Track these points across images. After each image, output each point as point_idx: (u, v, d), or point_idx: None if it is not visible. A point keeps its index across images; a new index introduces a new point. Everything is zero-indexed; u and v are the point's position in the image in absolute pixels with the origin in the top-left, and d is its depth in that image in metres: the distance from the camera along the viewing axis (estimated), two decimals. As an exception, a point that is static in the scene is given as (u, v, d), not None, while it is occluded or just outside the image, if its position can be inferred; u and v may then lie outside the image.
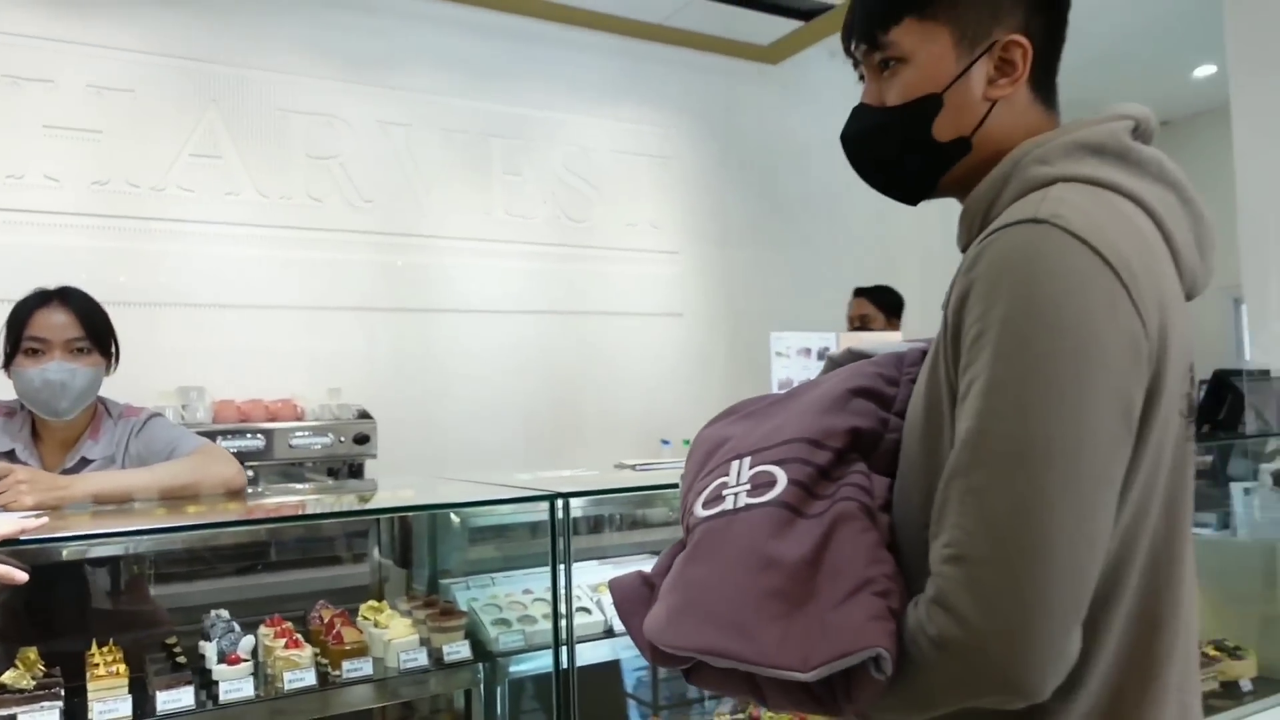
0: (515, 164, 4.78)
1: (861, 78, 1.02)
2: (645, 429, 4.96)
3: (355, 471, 3.66)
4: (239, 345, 3.96)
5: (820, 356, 2.85)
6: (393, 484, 2.85)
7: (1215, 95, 5.37)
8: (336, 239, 4.29)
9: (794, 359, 2.81)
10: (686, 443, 3.67)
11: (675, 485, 2.38)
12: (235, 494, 2.02)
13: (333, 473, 3.65)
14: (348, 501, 2.31)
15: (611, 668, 2.56)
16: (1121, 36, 5.59)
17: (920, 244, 5.64)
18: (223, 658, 1.74)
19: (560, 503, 1.73)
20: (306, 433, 3.53)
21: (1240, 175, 4.60)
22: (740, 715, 2.53)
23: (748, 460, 0.93)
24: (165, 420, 2.22)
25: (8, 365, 2.03)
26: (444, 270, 4.56)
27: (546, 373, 4.78)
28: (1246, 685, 2.69)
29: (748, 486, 0.90)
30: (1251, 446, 3.06)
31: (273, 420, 3.53)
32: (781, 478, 0.89)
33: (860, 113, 1.01)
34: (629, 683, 2.67)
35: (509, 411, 4.63)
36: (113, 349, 2.11)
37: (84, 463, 2.07)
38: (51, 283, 2.12)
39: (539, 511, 2.36)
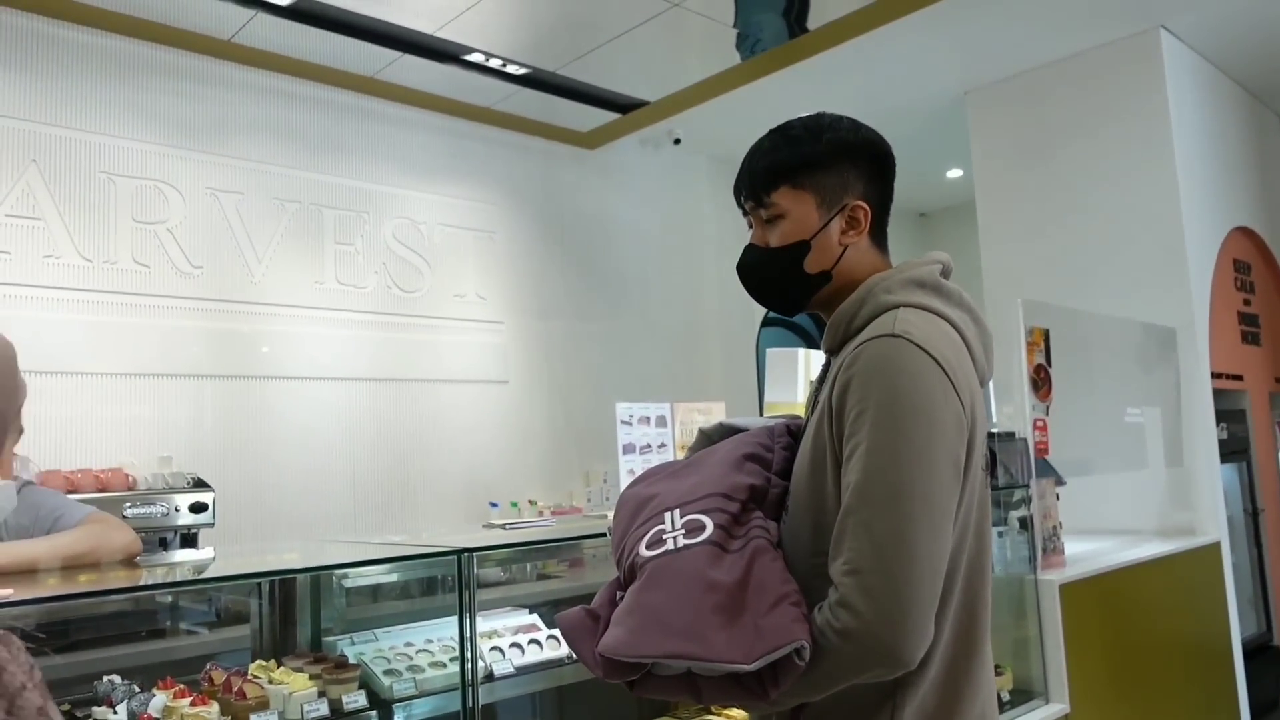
0: (347, 234, 4.90)
1: (750, 224, 1.40)
2: (473, 492, 5.12)
3: (188, 541, 3.61)
4: (64, 414, 3.82)
5: (659, 424, 3.21)
6: (257, 549, 2.90)
7: (964, 193, 6.33)
8: (164, 305, 4.23)
9: (635, 426, 3.15)
10: (515, 505, 3.95)
11: (560, 541, 2.64)
12: (131, 560, 2.07)
13: (163, 543, 3.58)
14: (239, 566, 2.39)
15: (487, 711, 2.74)
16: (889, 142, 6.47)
17: (721, 325, 6.21)
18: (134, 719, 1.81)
19: (466, 557, 1.95)
20: (138, 503, 3.47)
21: (985, 263, 5.48)
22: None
23: (678, 511, 1.26)
24: (36, 487, 2.22)
25: None
26: (275, 337, 4.57)
27: (377, 438, 4.86)
28: (1005, 696, 3.24)
29: (682, 531, 1.22)
30: (1003, 497, 3.66)
31: (103, 490, 3.45)
32: (709, 523, 1.22)
33: (750, 250, 1.41)
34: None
35: (340, 477, 4.67)
36: None
37: None
38: None
39: (419, 569, 2.55)
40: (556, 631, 2.54)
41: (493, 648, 2.37)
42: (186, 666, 2.23)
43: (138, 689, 1.94)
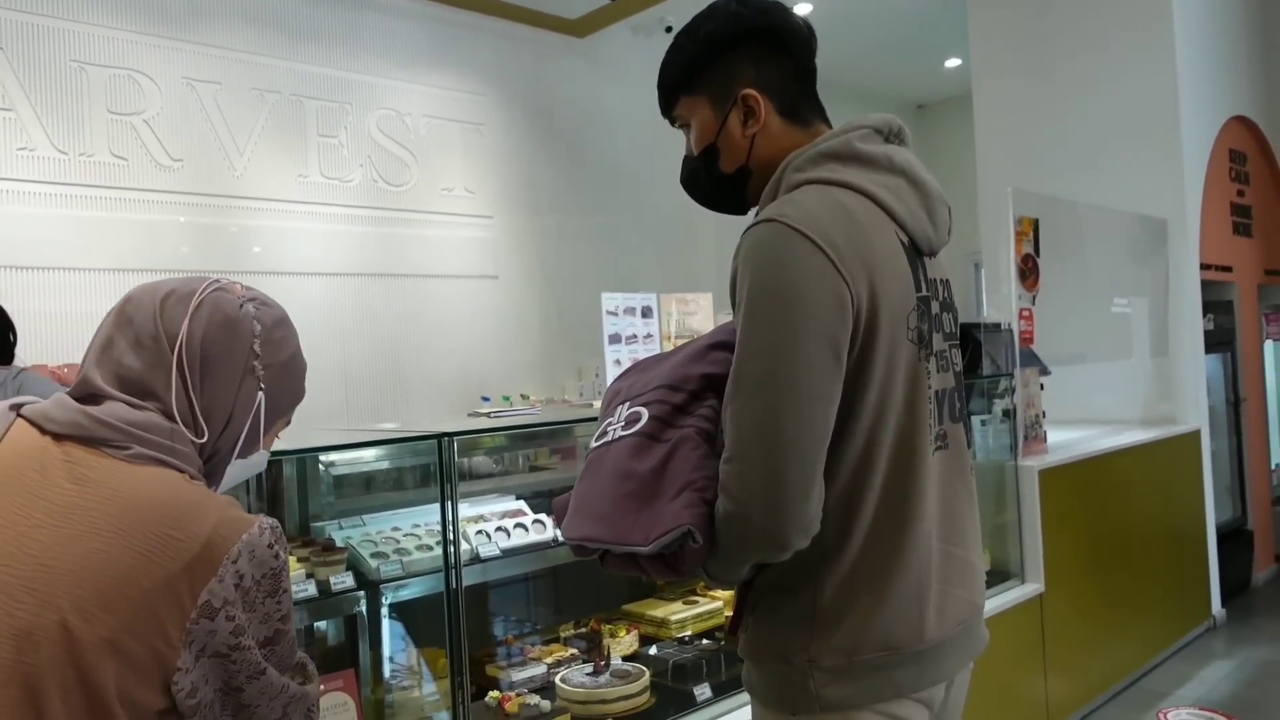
0: (330, 126, 4.80)
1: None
2: (465, 386, 5.17)
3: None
4: (48, 309, 3.82)
5: (644, 314, 3.20)
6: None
7: (962, 83, 6.19)
8: (144, 199, 4.17)
9: (622, 316, 3.15)
10: (506, 399, 3.99)
11: (539, 426, 2.68)
12: None
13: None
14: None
15: (470, 593, 2.83)
16: (885, 33, 6.31)
17: (714, 216, 6.12)
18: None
19: (447, 441, 1.98)
20: (130, 396, 3.49)
21: (980, 154, 5.40)
22: (583, 630, 2.88)
23: (627, 404, 1.29)
24: (32, 373, 2.29)
25: None
26: (259, 232, 4.53)
27: (367, 334, 4.87)
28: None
29: (622, 424, 1.27)
30: (987, 386, 3.69)
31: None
32: (645, 415, 1.26)
33: (685, 160, 1.40)
34: (495, 616, 2.98)
35: (330, 373, 4.69)
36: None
37: None
38: None
39: (405, 456, 2.59)
40: (543, 516, 2.60)
41: (479, 531, 2.43)
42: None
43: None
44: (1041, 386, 3.81)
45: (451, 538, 2.00)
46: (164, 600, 0.93)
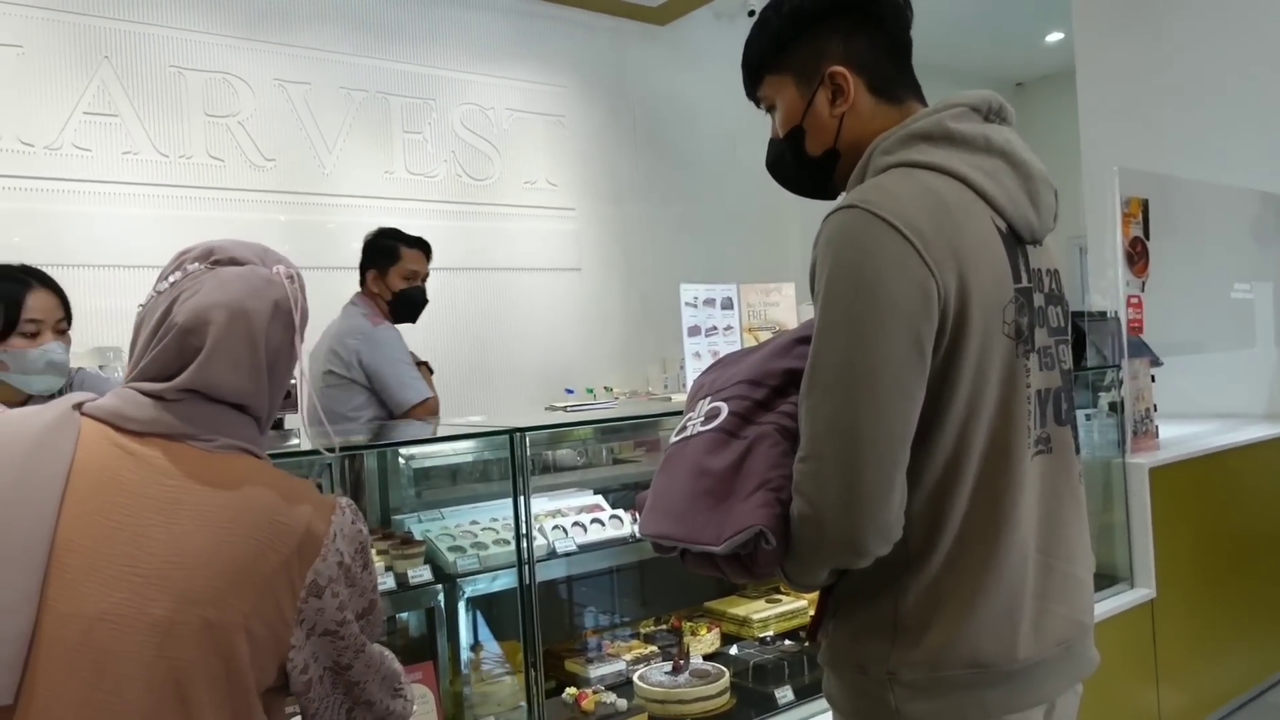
0: (415, 122, 4.86)
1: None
2: (549, 379, 5.17)
3: (276, 426, 3.74)
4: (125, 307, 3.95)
5: (725, 306, 3.13)
6: (340, 431, 2.98)
7: (1064, 59, 5.89)
8: (239, 198, 4.29)
9: (701, 308, 3.07)
10: (590, 391, 3.96)
11: (612, 421, 2.64)
12: None
13: (251, 429, 3.72)
14: (322, 443, 2.47)
15: (550, 587, 2.82)
16: (981, 7, 6.05)
17: (800, 204, 5.98)
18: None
19: (519, 437, 1.95)
20: (225, 390, 3.59)
21: (1084, 132, 5.13)
22: (664, 627, 2.83)
23: (708, 399, 1.24)
24: (95, 373, 2.40)
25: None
26: (347, 229, 4.61)
27: (452, 327, 4.92)
28: (1087, 578, 3.16)
29: (701, 419, 1.22)
30: (1092, 378, 3.49)
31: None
32: (724, 410, 1.20)
33: (770, 144, 1.33)
34: (576, 610, 2.96)
35: (418, 365, 4.75)
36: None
37: None
38: None
39: (484, 450, 2.58)
40: (621, 512, 2.55)
41: (555, 526, 2.40)
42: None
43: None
44: (1152, 379, 3.58)
45: (525, 533, 1.97)
46: (280, 583, 0.99)
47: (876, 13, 1.21)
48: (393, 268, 3.37)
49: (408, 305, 3.45)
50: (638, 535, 1.25)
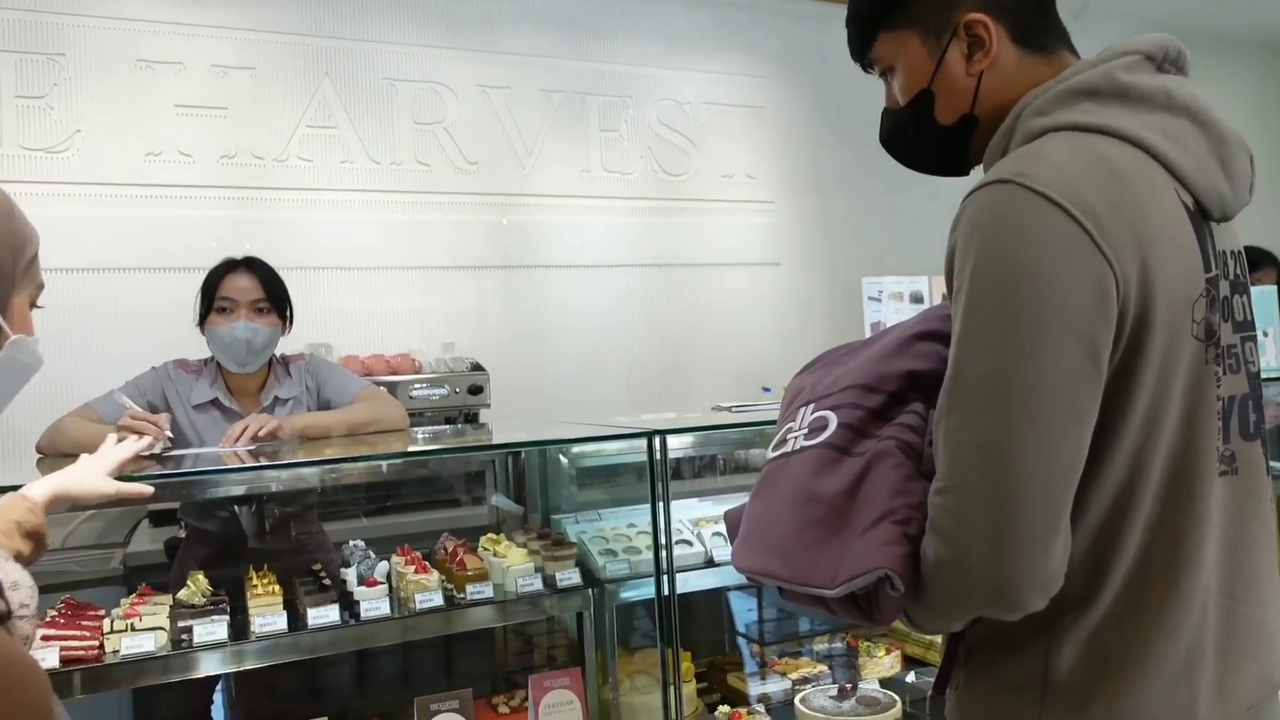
0: (611, 120, 4.88)
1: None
2: (747, 377, 5.03)
3: (471, 420, 3.88)
4: (360, 305, 4.22)
5: (913, 300, 2.88)
6: (506, 428, 3.03)
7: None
8: (445, 201, 4.48)
9: (886, 303, 2.85)
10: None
11: (766, 423, 2.50)
12: (401, 432, 2.32)
13: (450, 421, 3.87)
14: (471, 441, 2.52)
15: (715, 595, 2.70)
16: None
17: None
18: (362, 581, 1.94)
19: (658, 439, 1.85)
20: (424, 385, 3.75)
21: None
22: (838, 644, 2.64)
23: (811, 407, 1.06)
24: (322, 358, 2.56)
25: (202, 323, 2.35)
26: (547, 228, 4.71)
27: (648, 324, 4.90)
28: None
29: (805, 431, 1.04)
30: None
31: (394, 374, 3.77)
32: (833, 422, 1.01)
33: (885, 115, 1.14)
34: (741, 622, 2.83)
35: (613, 362, 4.78)
36: (288, 312, 2.44)
37: (277, 401, 2.40)
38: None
39: (640, 453, 2.51)
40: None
41: (715, 533, 2.29)
42: (432, 537, 2.37)
43: (372, 554, 2.07)
44: None
45: (664, 542, 1.87)
46: None
47: None
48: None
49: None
50: (735, 567, 1.09)
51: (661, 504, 1.84)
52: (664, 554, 1.86)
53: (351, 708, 2.31)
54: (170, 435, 2.11)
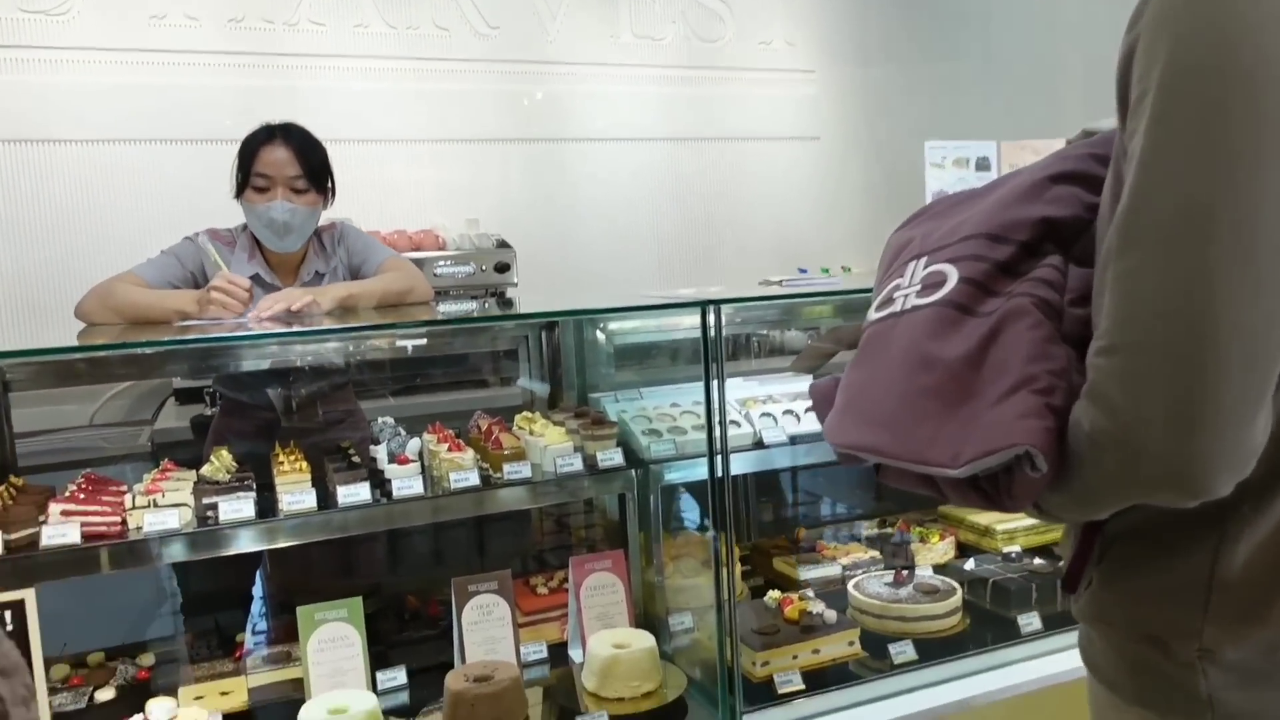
0: (642, -19, 4.55)
1: None
2: (781, 256, 4.84)
3: (498, 298, 3.74)
4: (377, 179, 4.02)
5: (979, 167, 2.66)
6: (540, 305, 2.89)
7: None
8: (465, 70, 4.22)
9: (949, 170, 2.63)
10: (825, 270, 3.57)
11: (824, 296, 2.34)
12: (427, 304, 2.26)
13: (476, 300, 3.74)
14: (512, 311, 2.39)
15: (760, 479, 2.60)
16: None
17: (1085, 46, 5.13)
18: (393, 458, 1.83)
19: (713, 310, 1.70)
20: (449, 262, 3.60)
21: None
22: (889, 529, 2.54)
23: (923, 260, 0.90)
24: (351, 225, 2.41)
25: (239, 195, 2.18)
26: (573, 99, 4.45)
27: (679, 199, 4.69)
28: None
29: (918, 287, 0.88)
30: None
31: (417, 250, 3.60)
32: (952, 276, 0.86)
33: None
34: (787, 505, 2.73)
35: (642, 239, 4.60)
36: (329, 184, 2.27)
37: (318, 276, 2.26)
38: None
39: (684, 329, 2.36)
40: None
41: (764, 414, 2.15)
42: (463, 417, 2.26)
43: (403, 431, 1.96)
44: None
45: (717, 420, 1.74)
46: None
47: None
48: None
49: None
50: (826, 437, 0.93)
51: (716, 381, 1.70)
52: (717, 433, 1.73)
53: (386, 586, 2.25)
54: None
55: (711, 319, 1.68)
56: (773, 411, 2.17)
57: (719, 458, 1.73)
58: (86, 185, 3.58)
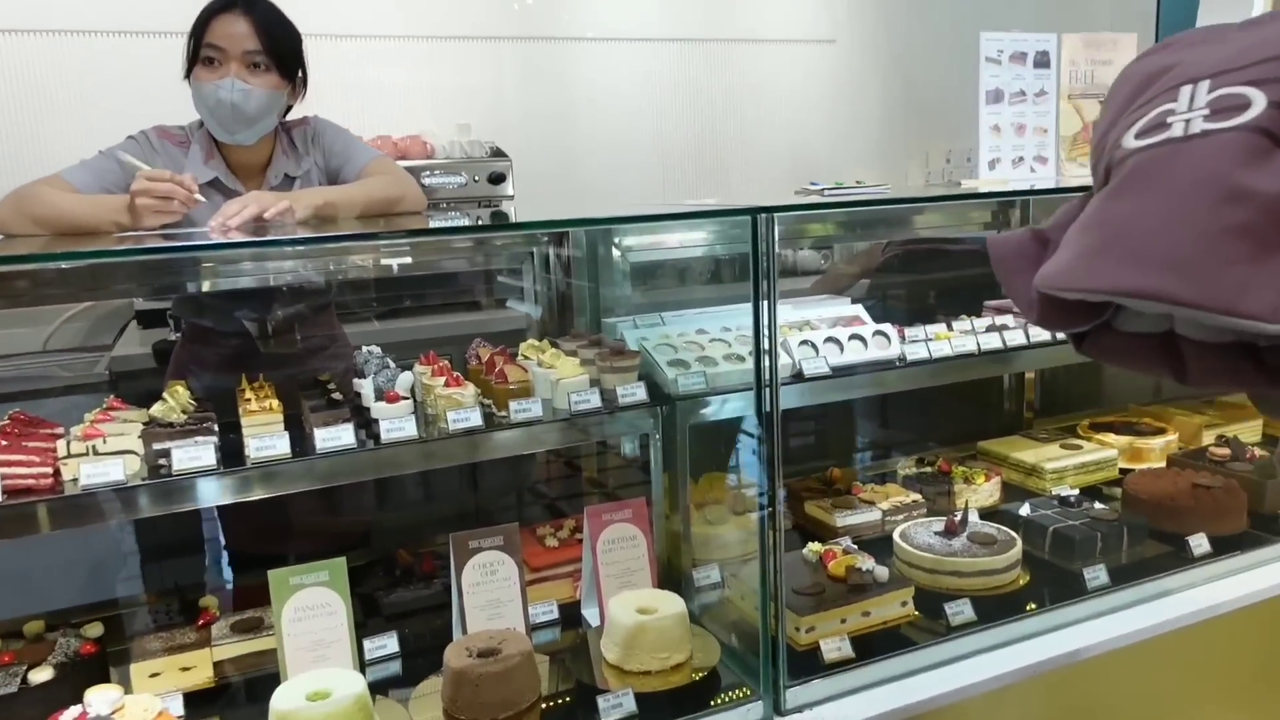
0: None
1: None
2: (793, 168, 4.54)
3: (491, 212, 3.43)
4: (358, 79, 3.66)
5: (1038, 64, 2.35)
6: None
7: None
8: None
9: (1006, 65, 2.32)
10: (838, 184, 3.20)
11: (883, 204, 2.06)
12: (420, 214, 1.96)
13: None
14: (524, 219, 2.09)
15: (792, 415, 2.35)
16: None
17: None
18: (380, 395, 1.56)
19: (765, 219, 1.42)
20: (439, 171, 3.28)
21: None
22: (927, 468, 2.32)
23: (1205, 84, 0.71)
24: (329, 121, 2.14)
25: (188, 75, 1.85)
26: (571, -5, 4.08)
27: (686, 106, 4.36)
28: None
29: (1205, 111, 0.69)
30: None
31: (402, 158, 3.27)
32: (1259, 99, 0.67)
33: None
34: (820, 443, 2.49)
35: (645, 149, 4.28)
36: (299, 73, 1.93)
37: (288, 180, 1.97)
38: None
39: (712, 244, 2.07)
40: (886, 327, 2.00)
41: (803, 342, 1.89)
42: (458, 344, 1.99)
43: (391, 363, 1.69)
44: None
45: (767, 347, 1.47)
46: None
47: None
48: None
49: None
50: (905, 358, 0.71)
51: (766, 303, 1.43)
52: (766, 362, 1.46)
53: (372, 538, 2.01)
54: (200, 197, 1.70)
55: (763, 230, 1.40)
56: (813, 339, 1.90)
57: (767, 390, 1.47)
58: (40, 80, 3.22)
